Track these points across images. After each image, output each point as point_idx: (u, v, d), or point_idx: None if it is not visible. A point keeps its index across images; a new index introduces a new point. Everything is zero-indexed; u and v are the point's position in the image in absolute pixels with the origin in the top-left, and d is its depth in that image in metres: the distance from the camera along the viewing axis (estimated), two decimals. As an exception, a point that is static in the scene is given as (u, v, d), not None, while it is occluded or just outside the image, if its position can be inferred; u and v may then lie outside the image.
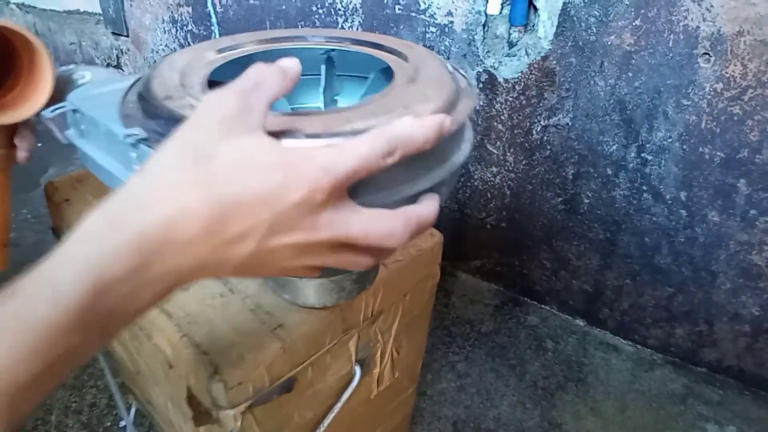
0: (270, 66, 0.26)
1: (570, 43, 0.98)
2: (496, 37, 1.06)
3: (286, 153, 0.24)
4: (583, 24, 0.95)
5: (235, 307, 0.48)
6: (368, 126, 0.28)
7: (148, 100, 0.34)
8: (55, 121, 0.49)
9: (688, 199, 0.99)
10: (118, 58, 1.82)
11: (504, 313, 1.27)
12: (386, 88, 0.36)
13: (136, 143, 0.30)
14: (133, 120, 0.34)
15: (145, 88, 0.36)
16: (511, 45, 1.05)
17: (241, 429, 0.46)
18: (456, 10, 1.06)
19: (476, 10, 1.04)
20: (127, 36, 1.72)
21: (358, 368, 0.58)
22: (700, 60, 0.88)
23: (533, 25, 1.02)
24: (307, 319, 0.48)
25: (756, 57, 0.83)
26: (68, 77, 0.57)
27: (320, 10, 1.25)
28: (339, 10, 1.22)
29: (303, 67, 0.27)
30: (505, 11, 1.02)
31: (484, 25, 1.05)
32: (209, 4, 1.42)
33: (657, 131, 0.96)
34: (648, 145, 0.98)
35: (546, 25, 0.99)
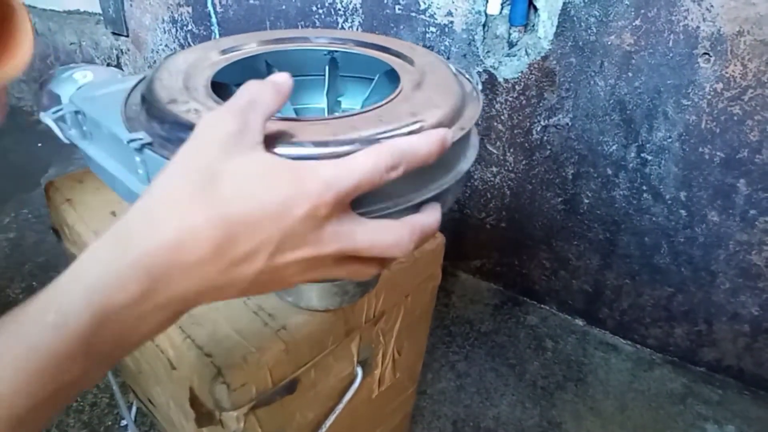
0: (263, 83, 0.27)
1: (570, 43, 0.98)
2: (496, 37, 1.06)
3: (289, 168, 0.24)
4: (583, 24, 0.95)
5: (238, 309, 0.48)
6: (375, 133, 0.28)
7: (152, 103, 0.34)
8: (56, 122, 0.49)
9: (688, 199, 0.99)
10: (118, 58, 1.82)
11: (504, 312, 1.27)
12: (392, 94, 0.35)
13: (141, 148, 0.30)
14: (136, 123, 0.34)
15: (149, 90, 0.36)
16: (511, 45, 1.05)
17: (244, 430, 0.46)
18: (456, 10, 1.06)
19: (476, 10, 1.04)
20: (127, 36, 1.71)
21: (360, 369, 0.58)
22: (700, 60, 0.88)
23: (533, 25, 1.02)
24: (310, 321, 0.48)
25: (756, 57, 0.83)
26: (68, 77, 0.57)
27: (320, 10, 1.25)
28: (339, 10, 1.22)
29: (306, 68, 0.27)
30: (505, 11, 1.02)
31: (484, 25, 1.05)
32: (209, 4, 1.42)
33: (657, 131, 0.96)
34: (648, 145, 0.98)
35: (546, 25, 0.99)
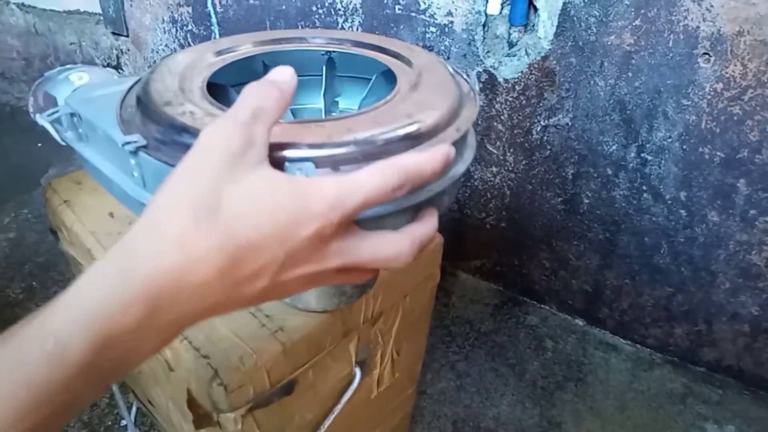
0: (266, 86, 0.26)
1: (570, 43, 0.98)
2: (496, 37, 1.06)
3: (294, 188, 0.23)
4: (583, 24, 0.95)
5: (236, 311, 0.48)
6: (371, 135, 0.28)
7: (147, 105, 0.34)
8: (51, 124, 0.49)
9: (688, 199, 0.99)
10: (118, 58, 1.82)
11: (503, 312, 1.27)
12: (389, 95, 0.35)
13: (135, 150, 0.30)
14: (131, 126, 0.34)
15: (144, 92, 0.36)
16: (511, 45, 1.05)
17: (242, 431, 0.46)
18: (456, 10, 1.06)
19: (476, 10, 1.04)
20: (127, 36, 1.71)
21: (359, 369, 0.58)
22: (700, 60, 0.87)
23: (533, 25, 1.02)
24: (308, 321, 0.48)
25: (756, 57, 0.83)
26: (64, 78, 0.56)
27: (320, 10, 1.25)
28: (339, 10, 1.22)
29: (304, 68, 0.27)
30: (505, 11, 1.02)
31: (484, 25, 1.05)
32: (209, 4, 1.42)
33: (657, 131, 0.96)
34: (648, 145, 0.98)
35: (546, 25, 0.99)
